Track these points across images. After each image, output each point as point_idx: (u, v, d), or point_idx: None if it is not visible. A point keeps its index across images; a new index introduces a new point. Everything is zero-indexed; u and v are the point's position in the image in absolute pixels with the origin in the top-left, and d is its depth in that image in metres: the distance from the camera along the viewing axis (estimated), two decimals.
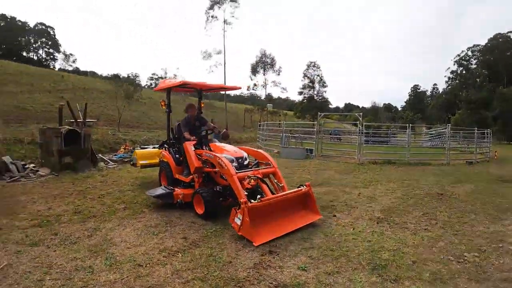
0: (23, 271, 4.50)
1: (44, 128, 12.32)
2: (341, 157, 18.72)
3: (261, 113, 56.68)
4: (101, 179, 10.88)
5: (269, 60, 61.26)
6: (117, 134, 20.01)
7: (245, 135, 34.60)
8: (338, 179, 11.65)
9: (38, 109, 25.46)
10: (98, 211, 7.30)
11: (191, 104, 8.80)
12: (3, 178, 10.44)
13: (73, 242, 5.52)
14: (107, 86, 31.23)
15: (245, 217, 5.49)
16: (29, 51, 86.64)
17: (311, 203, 6.86)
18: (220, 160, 6.60)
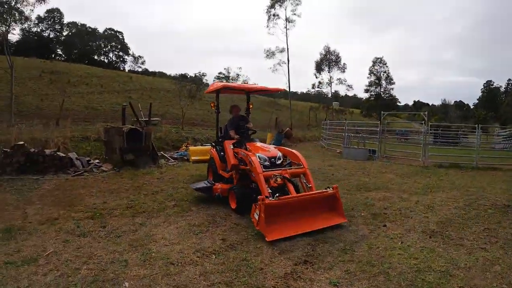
0: (65, 258, 4.79)
1: (108, 127, 13.07)
2: (404, 158, 17.68)
3: (327, 111, 55.79)
4: (158, 176, 11.28)
5: (333, 57, 60.26)
6: (180, 132, 20.71)
7: (309, 133, 34.20)
8: (397, 184, 10.97)
9: (106, 108, 27.12)
10: (149, 207, 7.58)
11: (235, 105, 9.28)
12: (68, 172, 11.17)
13: (117, 236, 5.77)
14: (173, 85, 32.43)
15: (261, 213, 5.70)
16: (100, 54, 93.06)
17: (337, 206, 6.78)
18: (250, 158, 6.90)
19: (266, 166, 6.96)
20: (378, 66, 69.01)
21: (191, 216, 6.98)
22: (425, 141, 17.04)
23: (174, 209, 7.43)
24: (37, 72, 35.29)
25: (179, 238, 5.75)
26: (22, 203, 7.69)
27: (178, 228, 6.25)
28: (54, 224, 6.30)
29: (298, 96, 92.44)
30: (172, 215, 7.01)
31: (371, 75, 69.96)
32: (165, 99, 36.77)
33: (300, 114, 54.76)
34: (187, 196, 8.57)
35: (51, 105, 25.23)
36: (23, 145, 10.97)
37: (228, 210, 7.45)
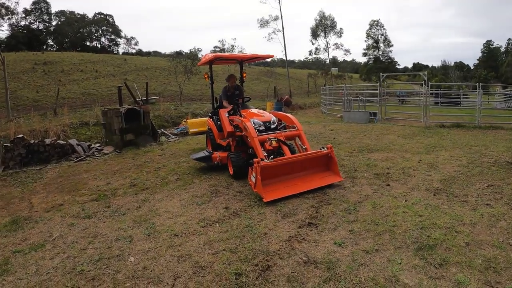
0: (71, 241, 4.83)
1: (106, 110, 12.98)
2: (406, 120, 17.54)
3: (325, 77, 55.12)
4: (160, 152, 11.27)
5: (329, 22, 59.01)
6: (179, 108, 20.62)
7: (309, 100, 34.06)
8: (399, 144, 10.81)
9: (103, 92, 26.99)
10: (151, 183, 7.60)
11: (231, 75, 9.47)
12: (70, 159, 11.19)
13: (121, 214, 5.80)
14: (168, 63, 32.13)
15: (257, 175, 5.81)
16: (92, 40, 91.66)
17: (332, 165, 6.88)
18: (244, 124, 7.02)
19: (260, 130, 7.06)
20: (375, 29, 67.73)
21: (194, 188, 6.99)
22: (426, 102, 16.78)
23: (176, 183, 7.45)
24: (30, 65, 34.92)
25: (182, 210, 5.77)
26: (27, 194, 7.70)
27: (181, 200, 6.27)
28: (59, 210, 6.32)
29: (296, 64, 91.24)
30: (175, 189, 7.02)
31: (368, 38, 68.73)
32: (162, 78, 36.49)
33: (298, 82, 54.33)
34: (189, 169, 8.57)
35: (47, 95, 25.11)
36: (23, 137, 10.97)
37: (230, 179, 7.48)
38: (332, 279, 3.58)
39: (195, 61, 27.25)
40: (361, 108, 20.55)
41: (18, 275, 3.99)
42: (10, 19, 38.04)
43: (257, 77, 49.98)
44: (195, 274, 3.81)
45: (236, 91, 9.33)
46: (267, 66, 57.82)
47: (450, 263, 3.79)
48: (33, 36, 73.89)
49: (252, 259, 4.05)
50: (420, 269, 3.69)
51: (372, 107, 20.17)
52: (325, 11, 61.88)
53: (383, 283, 3.47)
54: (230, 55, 9.49)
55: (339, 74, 64.67)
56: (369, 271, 3.69)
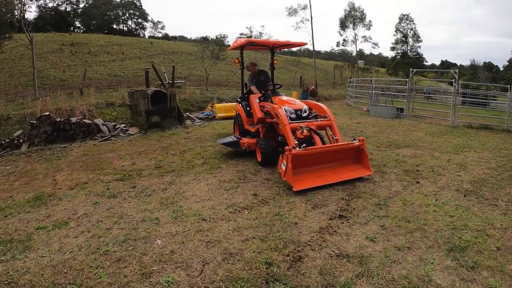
0: (96, 220, 4.69)
1: (132, 91, 12.91)
2: (433, 118, 16.83)
3: (352, 70, 54.10)
4: (185, 136, 11.12)
5: (358, 13, 57.62)
6: (204, 93, 20.44)
7: (334, 92, 33.46)
8: (427, 142, 10.37)
9: (129, 74, 27.05)
10: (177, 166, 7.43)
11: (252, 62, 9.47)
12: (95, 138, 11.15)
13: (147, 195, 5.64)
14: (195, 48, 31.94)
15: (288, 163, 5.63)
16: (118, 23, 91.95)
17: (363, 158, 6.69)
18: (276, 110, 6.85)
19: (292, 118, 6.88)
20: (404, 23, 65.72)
21: (221, 173, 6.80)
22: (455, 100, 16.08)
23: (203, 167, 7.26)
24: (57, 46, 35.32)
25: (210, 195, 5.58)
26: (51, 171, 7.65)
27: (208, 185, 6.07)
28: (83, 188, 6.22)
29: (322, 55, 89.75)
30: (202, 173, 6.83)
31: (397, 32, 66.72)
32: (188, 62, 36.41)
33: (324, 73, 53.54)
34: (216, 154, 8.38)
35: (73, 75, 25.32)
36: (49, 115, 10.97)
37: (258, 166, 7.29)
38: (365, 275, 3.43)
39: (222, 47, 27.04)
40: (389, 103, 20.00)
41: (40, 252, 3.86)
42: (38, 0, 38.45)
43: (282, 66, 49.32)
44: (225, 261, 3.63)
45: (262, 76, 9.19)
46: (294, 55, 57.05)
47: (482, 266, 3.63)
48: (60, 18, 74.61)
49: (283, 249, 3.86)
50: (453, 271, 3.54)
51: (398, 102, 19.53)
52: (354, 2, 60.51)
53: (416, 282, 3.32)
54: (263, 41, 9.28)
55: (366, 67, 63.37)
56: (402, 269, 3.55)
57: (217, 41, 27.65)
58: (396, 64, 65.20)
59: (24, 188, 6.56)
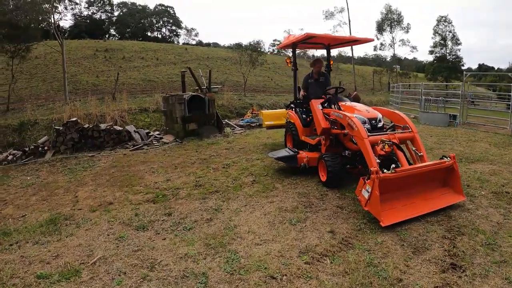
0: (117, 270, 3.37)
1: (167, 96, 11.78)
2: (486, 126, 15.06)
3: (390, 75, 51.85)
4: (226, 145, 9.83)
5: (395, 16, 55.33)
6: (243, 99, 19.17)
7: (375, 98, 31.53)
8: (497, 155, 8.84)
9: (164, 80, 26.11)
10: (221, 184, 6.10)
11: (318, 58, 8.19)
12: (126, 146, 10.03)
13: (187, 228, 4.29)
14: (229, 54, 30.84)
15: (374, 190, 4.35)
16: (153, 31, 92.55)
17: (454, 180, 5.35)
18: (350, 120, 5.51)
19: (366, 129, 5.56)
20: (442, 25, 62.84)
21: (278, 197, 5.42)
22: None
23: (254, 187, 5.89)
24: (91, 52, 34.94)
25: (272, 232, 4.18)
26: (74, 185, 6.54)
27: (266, 215, 4.69)
28: (107, 211, 5.03)
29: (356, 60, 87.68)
30: (254, 196, 5.46)
31: (435, 35, 63.92)
32: (223, 67, 35.35)
33: (362, 79, 51.56)
34: (266, 169, 7.01)
35: (107, 81, 24.57)
36: (76, 121, 9.94)
37: (322, 187, 5.92)
38: None
39: (259, 51, 25.92)
40: (440, 110, 18.24)
41: None
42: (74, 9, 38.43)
43: None
44: None
45: (321, 78, 7.87)
46: None
47: None
48: (95, 26, 75.47)
49: None
50: None
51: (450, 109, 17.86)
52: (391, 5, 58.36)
53: None
54: (324, 35, 7.76)
55: (404, 72, 60.73)
56: None
57: (253, 47, 26.40)
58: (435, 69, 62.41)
59: (41, 205, 5.53)
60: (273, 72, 39.45)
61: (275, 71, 39.87)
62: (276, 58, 48.01)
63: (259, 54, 25.60)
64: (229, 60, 34.33)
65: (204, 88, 16.29)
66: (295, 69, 8.21)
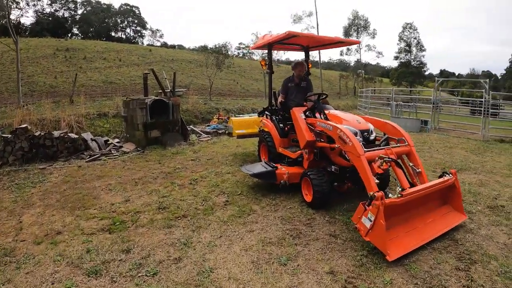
0: None
1: (128, 100, 10.71)
2: (456, 131, 15.25)
3: (356, 80, 52.21)
4: (192, 155, 8.97)
5: (362, 22, 55.84)
6: (209, 103, 18.24)
7: (342, 102, 31.38)
8: (478, 163, 8.64)
9: (126, 82, 24.87)
10: (189, 206, 5.26)
11: (300, 62, 7.16)
12: (82, 157, 8.98)
13: (151, 273, 3.42)
14: (195, 56, 29.80)
15: (379, 219, 3.64)
16: (117, 31, 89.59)
17: (455, 198, 4.82)
18: (342, 133, 4.68)
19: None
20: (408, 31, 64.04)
21: (258, 224, 4.63)
22: (487, 112, 14.22)
23: (227, 210, 5.09)
24: (51, 51, 32.93)
25: (259, 278, 3.36)
26: (19, 206, 5.54)
27: (247, 250, 3.89)
28: (54, 244, 4.13)
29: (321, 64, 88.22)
30: (229, 222, 4.65)
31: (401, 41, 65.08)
32: (188, 70, 34.25)
33: (328, 83, 51.61)
34: (239, 186, 6.23)
35: (65, 82, 23.00)
36: (26, 128, 8.78)
37: (307, 209, 5.17)
38: None
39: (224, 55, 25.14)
40: (412, 115, 18.08)
41: None
42: (36, 5, 36.38)
43: (284, 75, 47.47)
44: None
45: (303, 82, 6.98)
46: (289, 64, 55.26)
47: None
48: (58, 24, 71.98)
49: None
50: None
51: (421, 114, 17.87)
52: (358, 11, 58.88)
53: None
54: (309, 35, 6.90)
55: (369, 77, 61.47)
56: None
57: (219, 50, 25.49)
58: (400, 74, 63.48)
59: None
60: (239, 75, 38.76)
61: (241, 75, 39.21)
62: (242, 62, 47.38)
63: (225, 56, 24.79)
64: (195, 63, 33.38)
65: (168, 91, 15.28)
66: (271, 72, 7.42)
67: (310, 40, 7.13)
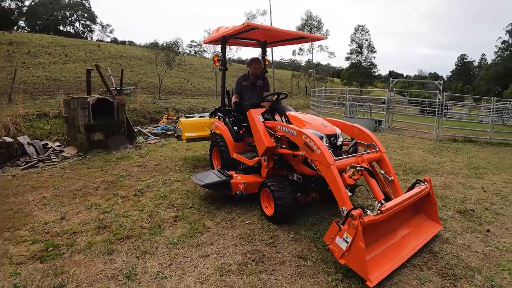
0: None
1: (69, 98, 9.64)
2: (408, 130, 15.74)
3: (308, 79, 52.41)
4: (138, 161, 8.22)
5: (315, 22, 56.04)
6: (158, 102, 17.25)
7: (294, 101, 31.24)
8: (436, 163, 8.69)
9: (71, 79, 23.17)
10: (133, 224, 4.59)
11: (256, 58, 6.46)
12: (18, 163, 7.97)
13: None
14: (145, 53, 28.44)
15: (357, 241, 3.11)
16: (66, 25, 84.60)
17: (430, 207, 4.44)
18: (309, 139, 4.05)
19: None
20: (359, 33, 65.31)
21: (214, 245, 4.03)
22: (441, 112, 14.72)
23: (177, 228, 4.46)
24: None
25: None
26: None
27: (203, 283, 3.28)
28: None
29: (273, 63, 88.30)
30: (179, 245, 4.02)
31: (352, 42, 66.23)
32: (138, 67, 32.61)
33: (279, 82, 51.48)
34: (190, 196, 5.63)
35: (6, 78, 21.04)
36: None
37: (268, 223, 4.62)
38: None
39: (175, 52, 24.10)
40: (366, 115, 18.17)
41: None
42: None
43: (235, 74, 46.86)
44: None
45: (259, 81, 6.40)
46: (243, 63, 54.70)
47: None
48: (3, 16, 66.99)
49: None
50: None
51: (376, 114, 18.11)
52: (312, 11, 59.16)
53: None
54: (270, 28, 5.91)
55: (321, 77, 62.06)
56: None
57: (169, 46, 24.37)
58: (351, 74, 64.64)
59: None
60: (190, 74, 37.65)
61: (192, 73, 38.11)
62: (194, 59, 46.15)
63: (176, 53, 23.76)
64: (145, 60, 31.87)
65: (113, 89, 14.26)
66: (224, 68, 6.64)
67: (270, 34, 6.40)
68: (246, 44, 7.36)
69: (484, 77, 73.77)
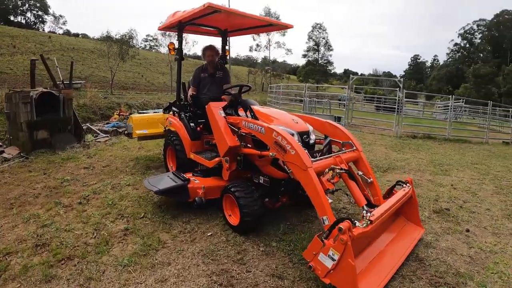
0: None
1: (10, 92, 8.57)
2: (367, 127, 15.93)
3: (264, 76, 51.94)
4: (86, 162, 7.42)
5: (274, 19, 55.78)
6: (109, 97, 16.16)
7: (251, 98, 30.96)
8: (401, 160, 8.61)
9: (18, 72, 21.40)
10: (77, 240, 3.91)
11: (210, 46, 5.75)
12: None
13: None
14: (98, 45, 26.91)
15: (347, 258, 2.62)
16: (17, 14, 79.24)
17: (412, 209, 4.05)
18: (281, 138, 3.47)
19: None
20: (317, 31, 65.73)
21: (172, 266, 3.42)
22: (400, 110, 14.98)
23: (128, 245, 3.82)
24: None
25: None
26: None
27: None
28: None
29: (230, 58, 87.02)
30: (131, 267, 3.38)
31: (309, 40, 66.57)
32: (90, 60, 30.91)
33: (236, 78, 50.76)
34: (142, 203, 4.97)
35: None
36: None
37: (233, 235, 4.05)
38: None
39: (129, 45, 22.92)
40: (326, 111, 18.05)
41: None
42: None
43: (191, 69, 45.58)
44: None
45: (218, 72, 5.77)
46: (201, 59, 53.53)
47: None
48: None
49: None
50: None
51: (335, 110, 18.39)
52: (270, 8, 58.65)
53: None
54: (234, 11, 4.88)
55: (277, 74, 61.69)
56: None
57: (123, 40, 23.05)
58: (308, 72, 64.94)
59: None
60: (144, 68, 36.28)
61: (146, 67, 36.75)
62: (149, 54, 44.54)
63: (130, 46, 22.54)
64: (97, 53, 30.20)
65: (60, 83, 13.13)
66: (180, 57, 5.72)
67: (233, 20, 5.47)
68: (205, 32, 6.50)
69: (436, 77, 77.79)
